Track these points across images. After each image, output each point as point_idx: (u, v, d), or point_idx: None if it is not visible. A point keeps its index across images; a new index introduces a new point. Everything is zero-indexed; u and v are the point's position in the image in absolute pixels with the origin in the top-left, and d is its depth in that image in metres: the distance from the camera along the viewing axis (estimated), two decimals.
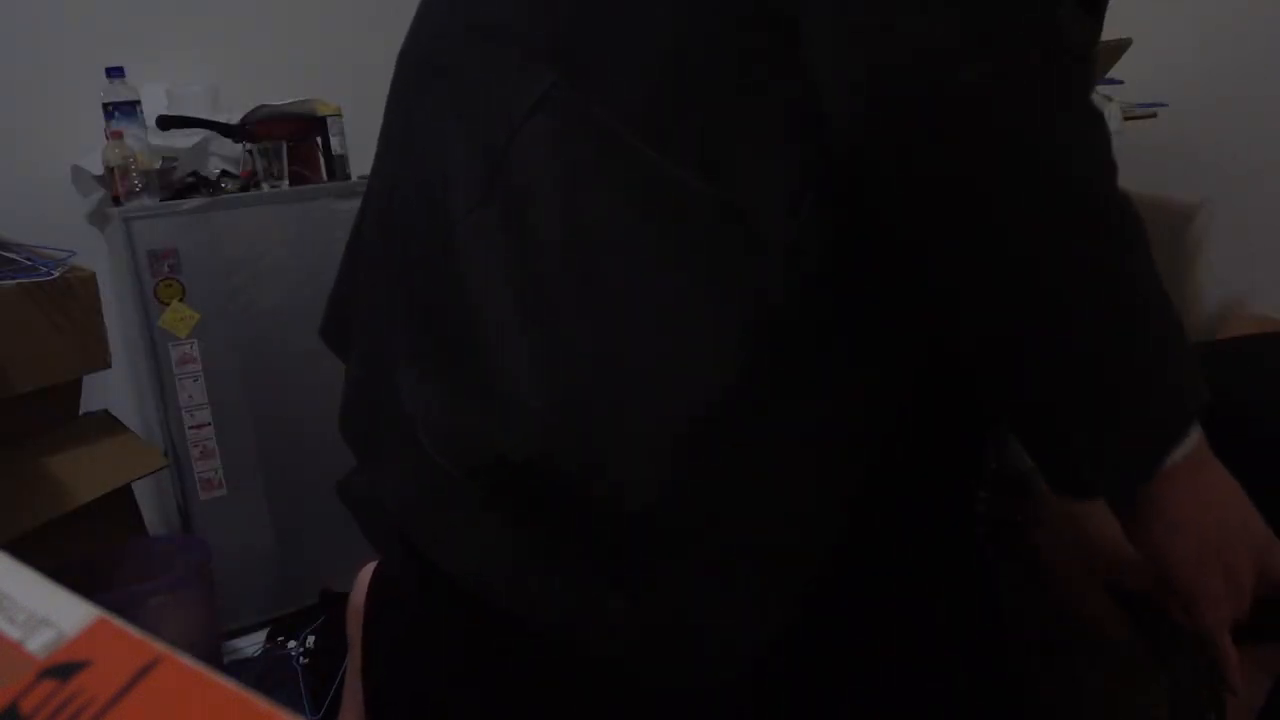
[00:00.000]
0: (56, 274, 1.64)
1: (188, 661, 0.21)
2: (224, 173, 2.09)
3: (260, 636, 1.99)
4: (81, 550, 1.70)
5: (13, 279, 1.58)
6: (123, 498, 1.78)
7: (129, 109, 1.98)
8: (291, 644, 1.86)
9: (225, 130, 2.09)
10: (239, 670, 1.86)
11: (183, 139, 2.08)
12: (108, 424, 1.84)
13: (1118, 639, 0.68)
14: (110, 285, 2.11)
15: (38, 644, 0.22)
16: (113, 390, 2.21)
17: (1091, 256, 0.48)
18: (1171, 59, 2.07)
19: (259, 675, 1.80)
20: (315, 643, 1.81)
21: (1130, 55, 1.72)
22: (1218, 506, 0.55)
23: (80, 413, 1.81)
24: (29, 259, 1.72)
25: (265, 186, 2.03)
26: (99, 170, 1.99)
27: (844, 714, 0.61)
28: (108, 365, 1.73)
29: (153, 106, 2.08)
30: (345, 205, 2.05)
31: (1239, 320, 1.81)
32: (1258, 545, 0.56)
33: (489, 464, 0.53)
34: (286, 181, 2.05)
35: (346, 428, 0.70)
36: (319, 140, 2.15)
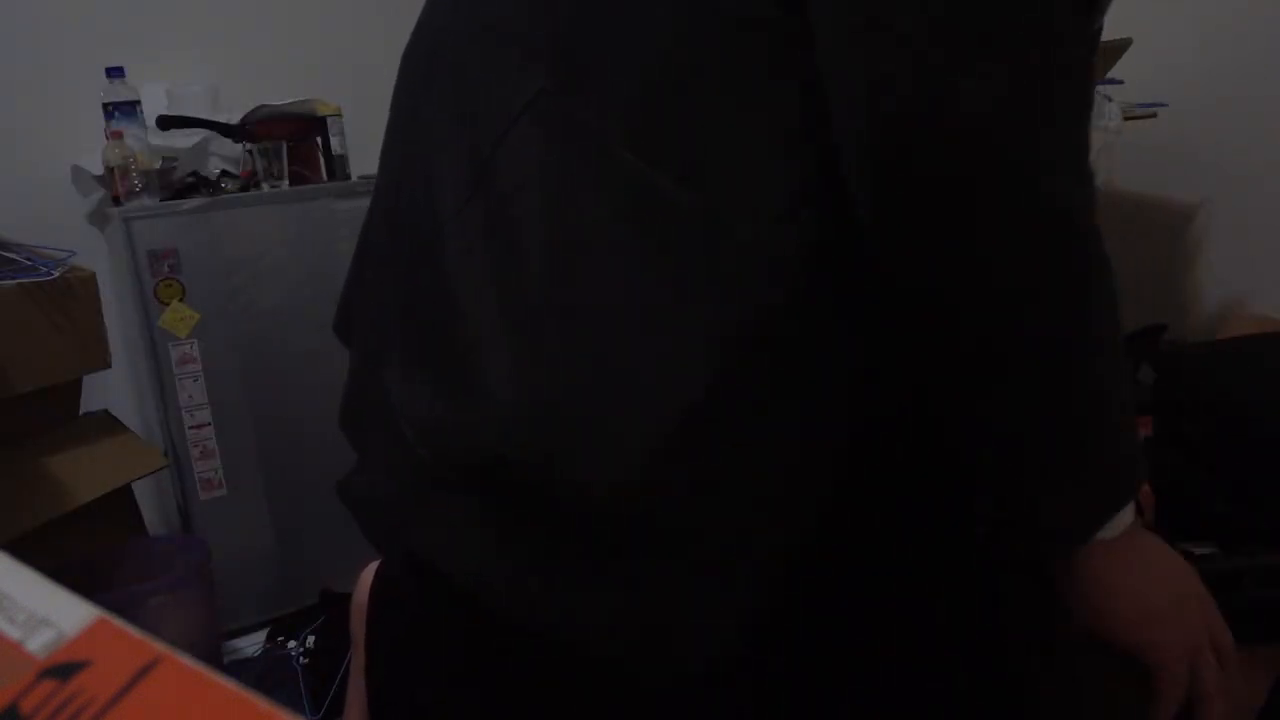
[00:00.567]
0: (56, 274, 1.64)
1: (188, 661, 0.21)
2: (224, 173, 2.09)
3: (260, 636, 1.99)
4: (81, 550, 1.70)
5: (13, 279, 1.58)
6: (123, 498, 1.78)
7: (129, 109, 1.98)
8: (291, 644, 1.86)
9: (225, 130, 2.09)
10: (239, 670, 1.86)
11: (183, 139, 2.08)
12: (108, 424, 1.84)
13: None
14: (110, 285, 2.11)
15: (38, 644, 0.22)
16: (113, 390, 2.21)
17: (1059, 302, 0.49)
18: (1171, 59, 2.07)
19: (259, 675, 1.80)
20: (315, 643, 1.81)
21: (1130, 55, 1.72)
22: (1165, 576, 0.56)
23: (80, 413, 1.81)
24: (29, 259, 1.72)
25: (265, 186, 2.03)
26: (99, 170, 1.99)
27: (844, 713, 0.61)
28: (108, 365, 1.73)
29: (153, 106, 2.08)
30: (345, 205, 2.05)
31: (1239, 320, 1.82)
32: (1206, 601, 0.57)
33: (467, 458, 0.54)
34: (286, 181, 2.05)
35: (344, 421, 0.71)
36: (319, 140, 2.15)
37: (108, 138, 1.94)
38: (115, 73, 1.98)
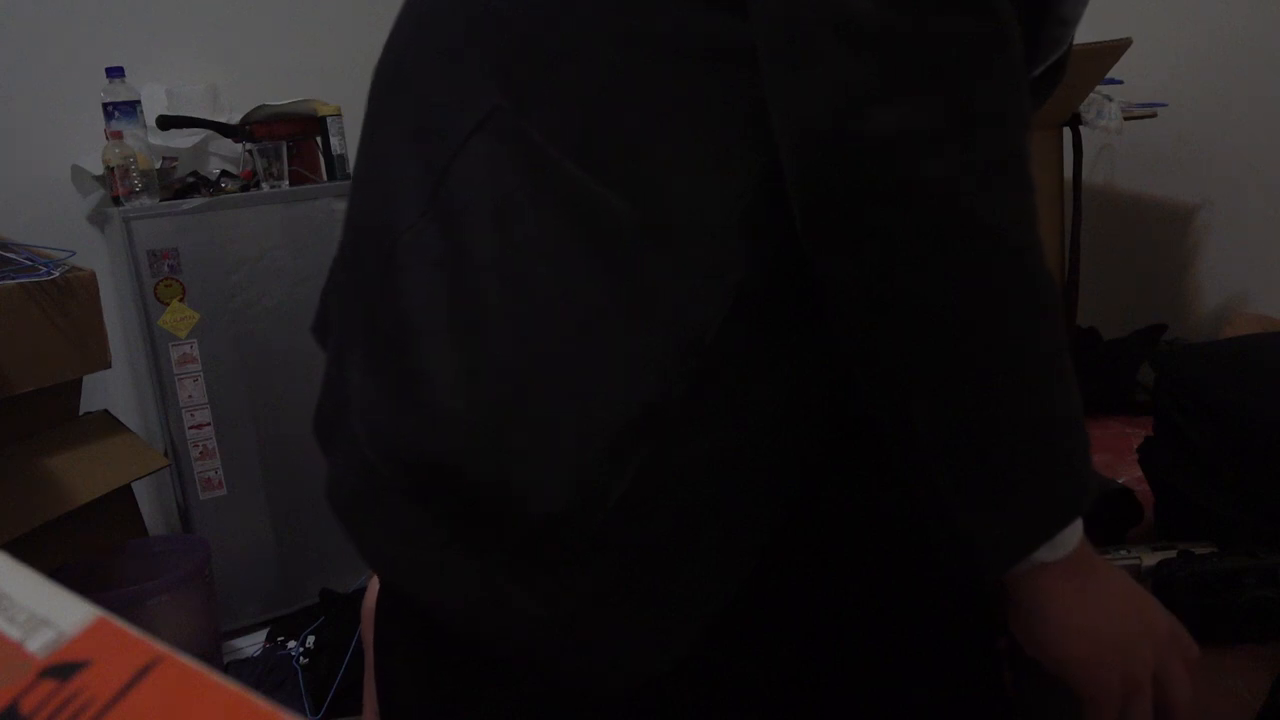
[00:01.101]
0: (56, 274, 1.64)
1: (188, 661, 0.21)
2: (224, 173, 2.09)
3: (260, 636, 1.99)
4: (81, 550, 1.70)
5: (13, 279, 1.58)
6: (123, 498, 1.78)
7: (129, 109, 1.98)
8: (291, 644, 1.86)
9: (225, 130, 2.09)
10: (239, 670, 1.86)
11: (183, 139, 2.08)
12: (108, 424, 1.84)
13: None
14: (110, 285, 2.11)
15: (38, 644, 0.22)
16: (113, 390, 2.21)
17: (1002, 321, 0.48)
18: (1171, 59, 2.07)
19: (259, 675, 1.80)
20: (315, 643, 1.81)
21: (1130, 55, 1.72)
22: (1115, 610, 0.54)
23: (80, 413, 1.81)
24: (29, 259, 1.72)
25: (265, 186, 2.03)
26: (99, 170, 1.99)
27: (808, 716, 0.61)
28: (108, 365, 1.73)
29: (153, 106, 2.08)
30: (345, 205, 2.05)
31: (1239, 320, 1.82)
32: (1160, 642, 0.55)
33: (412, 461, 0.55)
34: (286, 181, 2.05)
35: (316, 423, 0.72)
36: (319, 140, 2.15)
37: (108, 138, 1.94)
38: (115, 73, 1.98)
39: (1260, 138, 1.98)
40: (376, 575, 0.73)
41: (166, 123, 2.03)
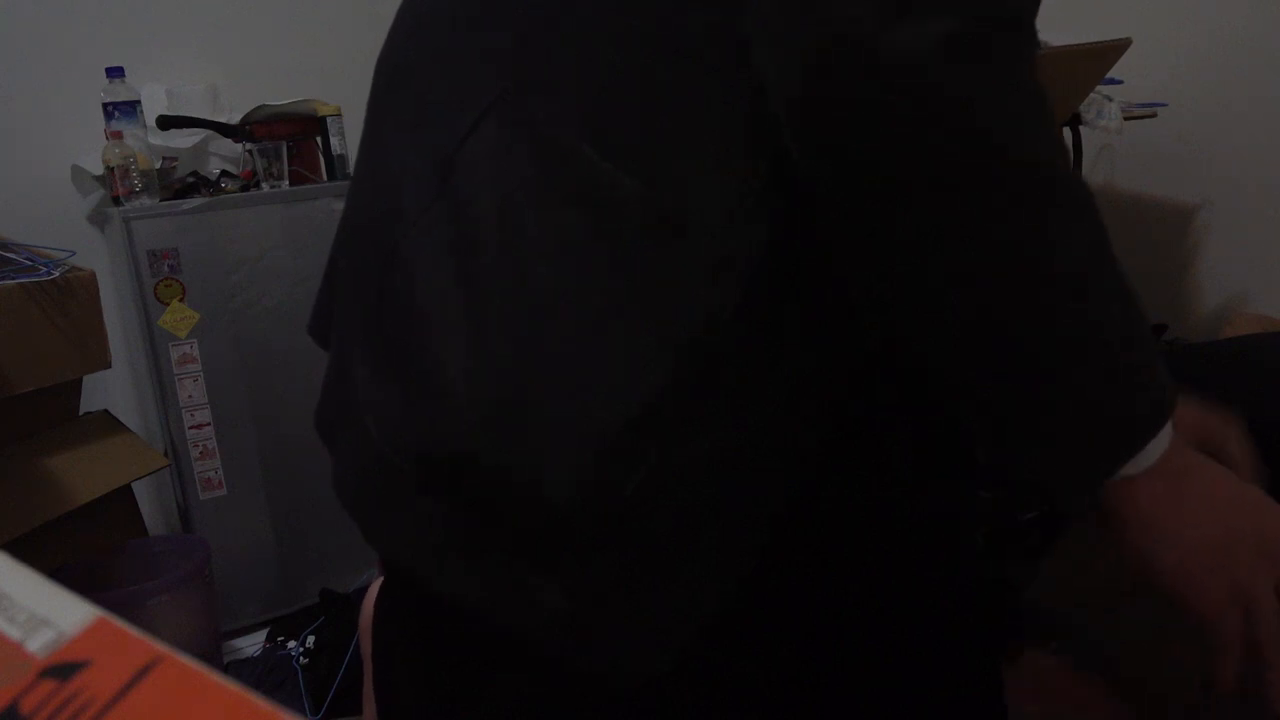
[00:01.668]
0: (56, 274, 1.63)
1: (188, 661, 0.21)
2: (224, 173, 2.09)
3: (260, 636, 1.99)
4: (81, 550, 1.70)
5: (13, 279, 1.58)
6: (123, 498, 1.78)
7: (129, 109, 1.98)
8: (291, 644, 1.86)
9: (225, 130, 2.09)
10: (239, 670, 1.86)
11: (183, 139, 2.08)
12: (108, 424, 1.84)
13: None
14: (110, 285, 2.11)
15: (38, 644, 0.22)
16: (113, 390, 2.21)
17: (1036, 234, 0.46)
18: (1171, 59, 2.07)
19: (259, 675, 1.80)
20: (315, 643, 1.81)
21: (1130, 55, 1.72)
22: (1217, 511, 0.51)
23: (80, 413, 1.81)
24: (29, 259, 1.72)
25: (265, 186, 2.03)
26: (99, 170, 1.99)
27: (806, 714, 0.61)
28: (108, 365, 1.73)
29: (153, 106, 2.08)
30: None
31: (1239, 320, 1.82)
32: (1277, 545, 0.51)
33: (426, 453, 0.55)
34: (286, 181, 2.05)
35: (319, 420, 0.72)
36: (319, 140, 2.15)
37: (108, 138, 1.94)
38: (115, 73, 1.98)
39: (1260, 138, 1.98)
40: (385, 564, 0.73)
41: (166, 123, 2.03)
